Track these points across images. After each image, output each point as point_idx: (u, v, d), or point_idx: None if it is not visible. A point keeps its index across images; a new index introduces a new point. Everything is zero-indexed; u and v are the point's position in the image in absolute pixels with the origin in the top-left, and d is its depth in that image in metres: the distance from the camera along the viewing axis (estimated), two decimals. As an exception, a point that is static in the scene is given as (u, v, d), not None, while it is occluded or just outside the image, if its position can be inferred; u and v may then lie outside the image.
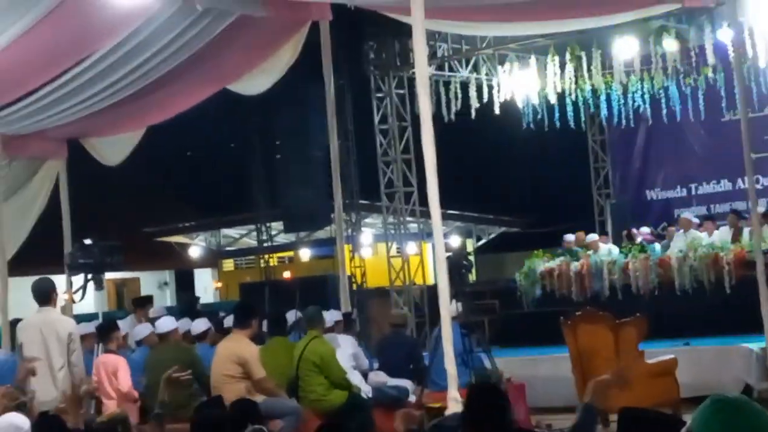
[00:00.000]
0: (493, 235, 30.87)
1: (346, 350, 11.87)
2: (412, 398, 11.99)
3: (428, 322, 19.33)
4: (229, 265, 33.07)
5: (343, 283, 15.05)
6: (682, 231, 18.15)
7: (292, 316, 13.07)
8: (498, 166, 29.33)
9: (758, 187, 17.78)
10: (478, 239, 30.87)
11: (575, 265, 17.70)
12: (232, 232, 30.74)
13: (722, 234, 17.67)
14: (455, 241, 26.82)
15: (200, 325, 12.81)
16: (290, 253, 29.58)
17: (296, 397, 11.22)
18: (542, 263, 18.26)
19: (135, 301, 16.87)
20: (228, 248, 31.80)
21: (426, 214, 15.30)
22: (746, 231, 16.91)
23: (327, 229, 21.36)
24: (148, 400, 10.50)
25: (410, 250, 21.31)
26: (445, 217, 18.23)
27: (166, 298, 34.79)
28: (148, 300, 16.83)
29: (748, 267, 15.36)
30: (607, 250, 18.24)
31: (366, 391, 11.65)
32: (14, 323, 11.20)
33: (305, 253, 28.88)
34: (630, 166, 22.81)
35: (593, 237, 19.03)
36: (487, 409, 5.02)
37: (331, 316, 12.50)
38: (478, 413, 5.03)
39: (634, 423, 3.93)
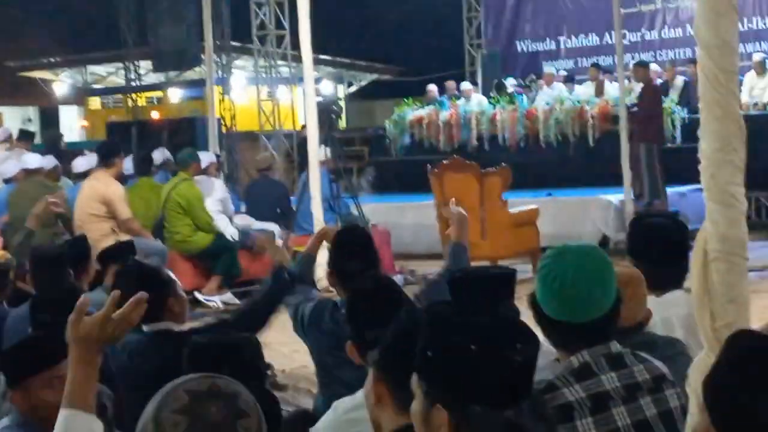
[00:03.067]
0: (364, 83, 30.74)
1: (215, 194, 11.84)
2: (279, 242, 12.08)
3: (297, 167, 19.33)
4: (95, 103, 32.35)
5: (212, 125, 14.97)
6: (545, 84, 18.38)
7: (159, 156, 12.94)
8: (371, 13, 29.07)
9: (625, 42, 18.03)
10: (349, 85, 30.73)
11: (444, 115, 17.82)
12: (100, 69, 30.01)
13: (585, 88, 17.90)
14: (326, 86, 26.65)
15: (83, 162, 11.98)
16: (159, 94, 29.03)
17: (161, 238, 11.24)
18: (412, 111, 18.33)
19: (22, 133, 15.35)
20: (95, 86, 31.10)
21: (298, 59, 15.18)
22: (609, 85, 17.18)
23: (197, 71, 21.01)
24: (9, 238, 10.15)
25: (281, 95, 21.17)
26: (317, 62, 18.10)
27: (30, 135, 34.03)
28: (32, 135, 16.14)
29: (611, 121, 15.73)
30: (477, 100, 18.37)
31: (232, 233, 11.67)
32: None
33: (174, 94, 28.36)
34: (502, 16, 22.84)
35: (467, 85, 19.12)
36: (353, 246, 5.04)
37: (205, 158, 12.34)
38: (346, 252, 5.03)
39: (462, 283, 3.90)
